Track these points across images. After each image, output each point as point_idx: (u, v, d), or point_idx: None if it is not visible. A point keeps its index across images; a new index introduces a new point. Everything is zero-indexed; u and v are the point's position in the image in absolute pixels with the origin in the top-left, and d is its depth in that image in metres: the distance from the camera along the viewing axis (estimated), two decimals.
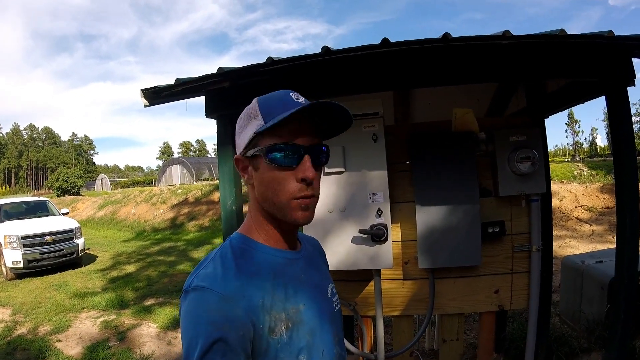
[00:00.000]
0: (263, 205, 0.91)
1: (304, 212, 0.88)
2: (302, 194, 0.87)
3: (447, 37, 1.98)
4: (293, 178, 0.86)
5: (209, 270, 0.84)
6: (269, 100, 0.90)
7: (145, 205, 19.75)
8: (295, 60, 2.16)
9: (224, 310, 0.78)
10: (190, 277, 0.85)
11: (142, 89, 2.41)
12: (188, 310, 0.80)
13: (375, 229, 2.50)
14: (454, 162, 2.72)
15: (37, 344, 4.98)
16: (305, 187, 0.87)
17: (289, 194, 0.87)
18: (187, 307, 0.80)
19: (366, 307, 2.90)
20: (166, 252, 11.46)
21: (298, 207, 0.87)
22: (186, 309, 0.80)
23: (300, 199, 0.87)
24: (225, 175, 2.53)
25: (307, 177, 0.86)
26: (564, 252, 7.52)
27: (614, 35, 1.96)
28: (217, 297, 0.78)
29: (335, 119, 0.92)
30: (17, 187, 68.68)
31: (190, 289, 0.81)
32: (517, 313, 4.31)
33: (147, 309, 6.16)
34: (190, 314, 0.79)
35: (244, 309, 0.79)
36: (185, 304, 0.81)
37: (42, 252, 9.02)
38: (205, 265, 0.86)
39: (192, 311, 0.79)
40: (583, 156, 20.43)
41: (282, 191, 0.87)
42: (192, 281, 0.83)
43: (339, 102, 0.87)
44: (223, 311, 0.77)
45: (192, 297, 0.80)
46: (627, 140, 2.28)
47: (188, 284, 0.83)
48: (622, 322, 2.30)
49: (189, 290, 0.82)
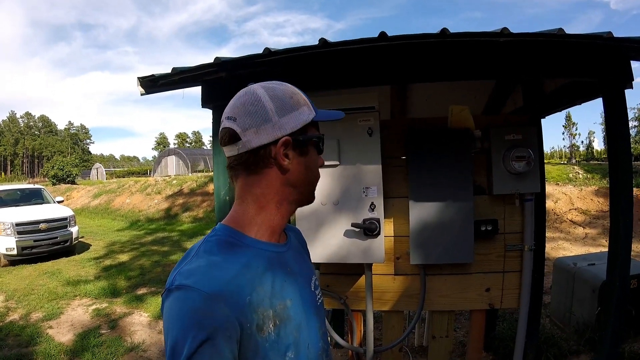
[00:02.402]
0: (297, 190, 0.93)
1: None
2: None
3: (445, 33, 1.97)
4: None
5: (193, 267, 0.80)
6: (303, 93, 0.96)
7: (140, 195, 19.70)
8: (292, 51, 2.14)
9: (209, 311, 0.74)
10: (173, 273, 0.81)
11: (139, 77, 2.39)
12: (172, 310, 0.76)
13: (368, 223, 2.50)
14: (449, 159, 2.72)
15: (28, 330, 4.97)
16: None
17: (319, 177, 0.99)
18: (171, 307, 0.76)
19: (357, 301, 2.90)
20: (160, 242, 11.43)
21: None
22: (169, 309, 0.77)
23: None
24: (219, 165, 2.51)
25: (322, 164, 1.00)
26: (557, 253, 7.55)
27: (613, 37, 1.96)
28: (202, 296, 0.74)
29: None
30: (12, 175, 68.26)
31: (174, 288, 0.77)
32: (508, 313, 4.34)
33: (139, 298, 6.16)
34: (174, 315, 0.76)
35: (231, 308, 0.76)
36: (169, 303, 0.77)
37: (36, 239, 8.99)
38: (189, 260, 0.82)
39: (176, 312, 0.75)
40: (579, 159, 20.45)
41: (318, 174, 0.98)
42: (174, 278, 0.79)
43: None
44: (209, 311, 0.74)
45: (176, 296, 0.76)
46: (623, 142, 2.27)
47: (170, 282, 0.79)
48: (612, 325, 2.30)
49: (172, 289, 0.77)
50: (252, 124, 0.85)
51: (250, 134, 0.86)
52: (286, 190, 0.91)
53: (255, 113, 0.86)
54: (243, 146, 0.86)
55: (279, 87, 0.90)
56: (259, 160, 0.87)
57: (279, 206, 0.92)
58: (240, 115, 0.86)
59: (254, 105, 0.86)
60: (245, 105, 0.87)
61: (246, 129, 0.85)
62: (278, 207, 0.91)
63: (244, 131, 0.85)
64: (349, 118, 2.47)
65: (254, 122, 0.85)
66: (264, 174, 0.89)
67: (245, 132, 0.85)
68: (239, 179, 0.91)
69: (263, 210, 0.90)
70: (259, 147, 0.86)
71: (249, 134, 0.86)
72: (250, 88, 0.90)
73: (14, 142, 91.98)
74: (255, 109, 0.86)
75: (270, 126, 0.86)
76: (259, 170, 0.89)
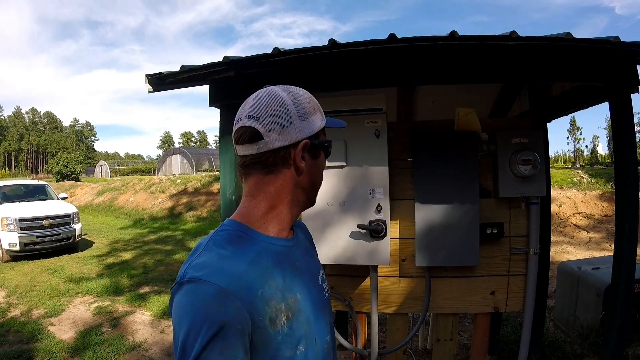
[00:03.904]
0: (306, 191, 0.97)
1: None
2: None
3: (454, 36, 1.97)
4: None
5: (204, 260, 0.81)
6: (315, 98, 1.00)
7: (144, 193, 19.74)
8: (301, 52, 2.15)
9: (221, 304, 0.74)
10: (184, 267, 0.82)
11: (147, 74, 2.40)
12: (183, 304, 0.76)
13: (374, 224, 2.50)
14: (455, 162, 2.72)
15: (30, 326, 4.98)
16: None
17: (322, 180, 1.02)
18: (182, 300, 0.77)
19: (361, 303, 2.90)
20: (163, 241, 11.45)
21: None
22: (180, 302, 0.77)
23: None
24: (226, 164, 2.52)
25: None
26: (561, 257, 7.53)
27: (620, 41, 1.95)
28: (214, 289, 0.75)
29: None
30: (16, 170, 68.66)
31: (185, 281, 0.78)
32: (512, 316, 4.33)
33: (141, 297, 6.17)
34: (185, 308, 0.76)
35: (242, 301, 0.76)
36: (179, 296, 0.77)
37: (39, 235, 9.03)
38: (199, 254, 0.83)
39: (187, 305, 0.76)
40: (583, 163, 20.40)
41: (322, 178, 1.02)
42: (185, 272, 0.79)
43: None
44: (220, 304, 0.74)
45: (187, 289, 0.77)
46: (629, 146, 2.27)
47: (182, 275, 0.79)
48: (617, 329, 2.29)
49: (183, 282, 0.78)
50: (277, 125, 0.88)
51: (274, 135, 0.88)
52: (297, 192, 0.94)
53: (280, 115, 0.88)
54: (264, 145, 0.88)
55: (299, 92, 0.93)
56: (277, 161, 0.90)
57: (290, 206, 0.94)
58: (264, 116, 0.88)
59: (279, 107, 0.88)
60: (269, 107, 0.88)
61: (270, 129, 0.87)
62: (289, 207, 0.94)
63: (268, 131, 0.87)
64: (356, 119, 2.48)
65: (279, 124, 0.88)
66: (281, 174, 0.91)
67: (269, 132, 0.87)
68: (252, 177, 0.92)
69: (274, 209, 0.92)
70: (281, 147, 0.88)
71: (272, 134, 0.87)
72: (272, 89, 0.91)
73: (18, 137, 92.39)
74: (280, 111, 0.88)
75: (293, 128, 0.89)
76: (276, 170, 0.91)
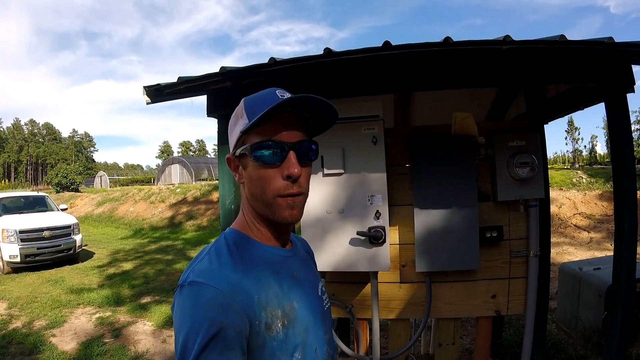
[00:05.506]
0: (253, 204, 0.92)
1: (291, 210, 0.88)
2: (288, 192, 0.87)
3: (448, 41, 1.98)
4: (279, 175, 0.86)
5: (205, 265, 0.83)
6: (254, 99, 0.90)
7: (144, 203, 19.73)
8: (297, 61, 2.16)
9: (220, 306, 0.76)
10: (186, 272, 0.84)
11: (145, 86, 2.41)
12: (184, 305, 0.79)
13: (374, 231, 2.50)
14: (453, 166, 2.73)
15: (32, 338, 4.96)
16: (291, 185, 0.87)
17: (275, 191, 0.86)
18: (183, 302, 0.79)
19: (362, 309, 2.90)
20: (164, 251, 11.43)
21: (285, 205, 0.87)
22: (182, 304, 0.79)
23: (286, 197, 0.87)
24: (225, 173, 2.53)
25: (292, 174, 0.85)
26: (562, 258, 7.52)
27: (614, 42, 1.97)
28: (213, 292, 0.77)
29: (321, 114, 0.93)
30: (16, 182, 68.47)
31: (186, 284, 0.80)
32: (514, 319, 4.32)
33: (143, 307, 6.15)
34: (186, 310, 0.78)
35: (241, 305, 0.78)
36: (181, 299, 0.80)
37: (40, 247, 9.00)
38: (201, 259, 0.85)
39: (188, 307, 0.78)
40: (582, 164, 20.44)
41: (268, 188, 0.86)
42: (187, 276, 0.82)
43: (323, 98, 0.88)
44: (220, 307, 0.76)
45: (188, 292, 0.79)
46: (626, 146, 2.28)
47: (183, 279, 0.82)
48: (619, 329, 2.29)
49: (185, 285, 0.80)
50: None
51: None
52: (253, 203, 0.92)
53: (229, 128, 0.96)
54: None
55: (238, 105, 0.94)
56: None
57: (259, 217, 0.93)
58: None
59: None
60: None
61: None
62: (260, 218, 0.93)
63: None
64: (353, 126, 2.49)
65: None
66: (242, 187, 0.96)
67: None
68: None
69: (252, 219, 0.94)
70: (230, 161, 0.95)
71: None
72: None
73: (18, 149, 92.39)
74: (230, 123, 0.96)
75: (231, 141, 0.95)
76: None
